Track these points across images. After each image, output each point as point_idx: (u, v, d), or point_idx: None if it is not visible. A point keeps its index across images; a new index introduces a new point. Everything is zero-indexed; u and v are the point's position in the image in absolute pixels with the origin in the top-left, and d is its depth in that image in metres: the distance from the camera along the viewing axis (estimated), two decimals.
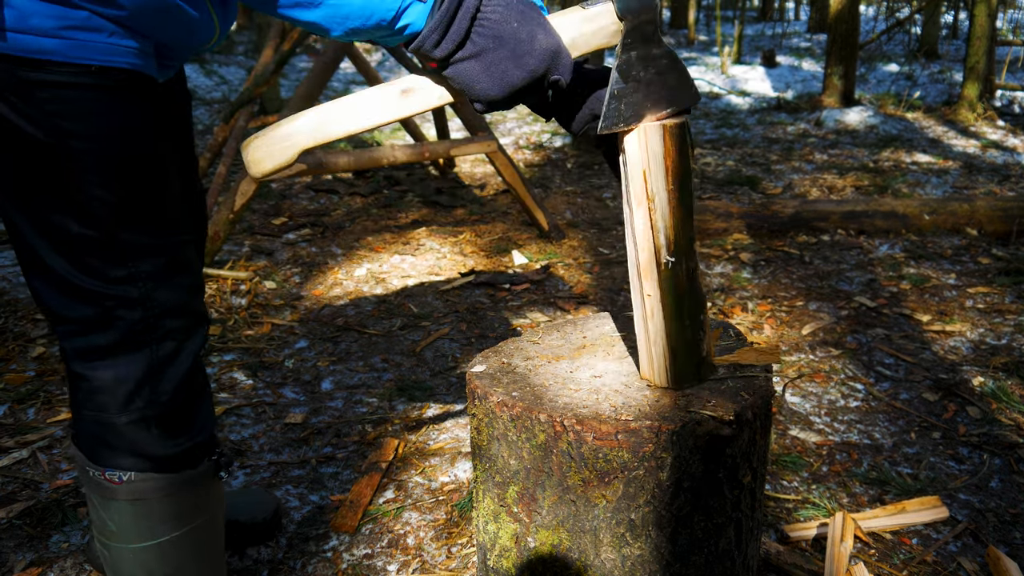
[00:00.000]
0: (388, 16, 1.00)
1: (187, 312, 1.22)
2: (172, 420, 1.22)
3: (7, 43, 0.96)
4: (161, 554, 1.26)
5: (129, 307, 1.15)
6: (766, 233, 3.90)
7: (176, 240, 1.19)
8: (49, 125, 1.02)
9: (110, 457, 1.20)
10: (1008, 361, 2.59)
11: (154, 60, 1.09)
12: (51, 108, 1.01)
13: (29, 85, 0.99)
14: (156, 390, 1.20)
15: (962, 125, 6.90)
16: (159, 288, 1.17)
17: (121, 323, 1.15)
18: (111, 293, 1.13)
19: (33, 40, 0.97)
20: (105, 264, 1.12)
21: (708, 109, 8.10)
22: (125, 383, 1.17)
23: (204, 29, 1.10)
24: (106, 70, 1.03)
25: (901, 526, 1.78)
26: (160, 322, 1.18)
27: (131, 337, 1.16)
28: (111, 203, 1.09)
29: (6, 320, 2.86)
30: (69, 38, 0.98)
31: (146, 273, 1.15)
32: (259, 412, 2.32)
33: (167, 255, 1.18)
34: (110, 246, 1.11)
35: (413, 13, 1.00)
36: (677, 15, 17.00)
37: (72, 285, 1.12)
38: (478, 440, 1.22)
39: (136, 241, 1.13)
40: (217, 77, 9.00)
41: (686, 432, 1.07)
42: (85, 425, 1.21)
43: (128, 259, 1.13)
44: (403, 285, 3.35)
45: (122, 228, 1.11)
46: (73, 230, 1.08)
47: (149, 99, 1.11)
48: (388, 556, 1.72)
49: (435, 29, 1.00)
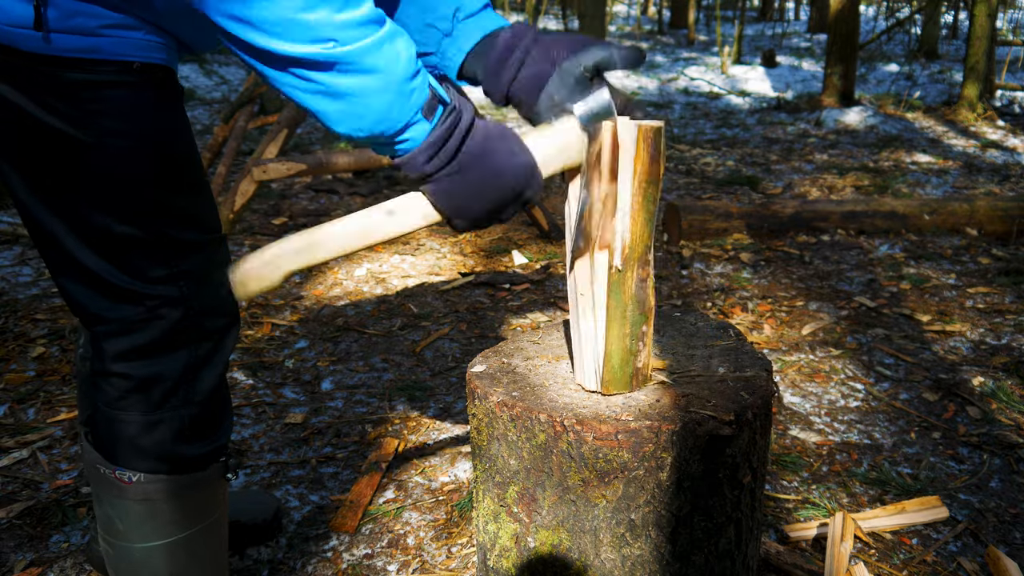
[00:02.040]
0: (396, 127, 0.97)
1: (224, 311, 1.23)
2: (203, 421, 1.23)
3: (51, 44, 0.97)
4: (166, 554, 1.26)
5: (171, 306, 1.15)
6: (766, 233, 3.90)
7: (213, 238, 1.21)
8: (92, 125, 1.03)
9: (128, 457, 1.20)
10: (1008, 361, 2.60)
11: (177, 56, 1.12)
12: (93, 108, 1.02)
13: (72, 86, 1.00)
14: (192, 390, 1.20)
15: (962, 125, 6.90)
16: (199, 287, 1.17)
17: (163, 322, 1.15)
18: (152, 293, 1.13)
19: (77, 39, 0.98)
20: (147, 263, 1.12)
21: (708, 109, 8.10)
22: (163, 382, 1.17)
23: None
24: (147, 67, 1.04)
25: (901, 526, 1.78)
26: (200, 322, 1.18)
27: (172, 336, 1.16)
28: (155, 201, 1.10)
29: (6, 320, 2.86)
30: (111, 35, 1.00)
31: (187, 272, 1.16)
32: (259, 412, 2.32)
33: (207, 253, 1.19)
34: (154, 245, 1.12)
35: (416, 130, 0.98)
36: (677, 15, 17.01)
37: (112, 286, 1.12)
38: (478, 440, 1.22)
39: (179, 239, 1.14)
40: (217, 77, 9.00)
41: (686, 432, 1.07)
42: (108, 423, 1.21)
43: (171, 258, 1.14)
44: (403, 285, 3.35)
45: (166, 226, 1.12)
46: (115, 230, 1.09)
47: (180, 96, 1.13)
48: (388, 556, 1.72)
49: (431, 145, 0.99)
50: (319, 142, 6.44)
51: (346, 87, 0.92)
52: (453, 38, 1.16)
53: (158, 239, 1.12)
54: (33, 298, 3.05)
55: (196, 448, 1.23)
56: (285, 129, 3.69)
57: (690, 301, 3.17)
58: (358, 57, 0.90)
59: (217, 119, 6.80)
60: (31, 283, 3.22)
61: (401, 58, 0.93)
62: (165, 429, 1.19)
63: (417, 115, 0.97)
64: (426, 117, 0.98)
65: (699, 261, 3.61)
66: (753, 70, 10.32)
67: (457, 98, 1.02)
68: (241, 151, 5.39)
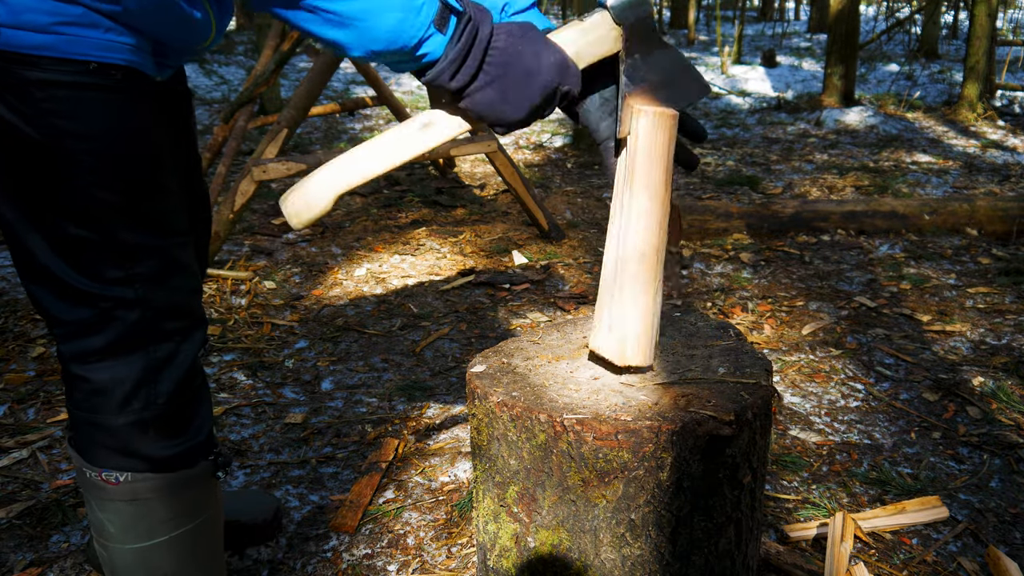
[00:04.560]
0: (411, 43, 1.01)
1: (185, 314, 1.22)
2: (169, 422, 1.22)
3: (0, 40, 0.95)
4: (160, 554, 1.26)
5: (126, 308, 1.14)
6: (766, 233, 3.90)
7: (174, 241, 1.18)
8: (45, 124, 1.01)
9: (107, 458, 1.20)
10: (1008, 361, 2.60)
11: (151, 58, 1.09)
12: (47, 107, 1.00)
13: (26, 84, 0.98)
14: (153, 392, 1.19)
15: (962, 125, 6.90)
16: (156, 290, 1.16)
17: (118, 324, 1.14)
18: (108, 295, 1.12)
19: (27, 36, 0.96)
20: (102, 265, 1.11)
21: (708, 109, 8.10)
22: (122, 385, 1.17)
23: (202, 28, 1.10)
24: (104, 68, 1.02)
25: (901, 526, 1.78)
26: (157, 324, 1.17)
27: (128, 339, 1.15)
28: (108, 203, 1.08)
29: (6, 320, 2.86)
30: (64, 33, 0.98)
31: (143, 275, 1.14)
32: (259, 412, 2.32)
33: (165, 256, 1.17)
34: (107, 247, 1.10)
35: (433, 43, 1.02)
36: (677, 15, 17.00)
37: (68, 287, 1.11)
38: (478, 440, 1.22)
39: (133, 242, 1.12)
40: (217, 77, 9.00)
41: (686, 432, 1.07)
42: (82, 426, 1.21)
43: (125, 260, 1.12)
44: (403, 285, 3.35)
45: (119, 229, 1.10)
46: (70, 231, 1.08)
47: (147, 98, 1.10)
48: (388, 556, 1.72)
49: (452, 62, 1.03)
50: (319, 142, 6.44)
51: (353, 11, 0.96)
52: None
53: (112, 241, 1.10)
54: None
55: (169, 447, 1.22)
56: (285, 129, 3.69)
57: (690, 301, 3.17)
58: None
59: (217, 119, 6.79)
60: None
61: None
62: (130, 430, 1.18)
63: (430, 29, 1.00)
64: (439, 29, 1.00)
65: (699, 261, 3.61)
66: (753, 70, 10.32)
67: (472, 7, 1.04)
68: (241, 151, 5.39)
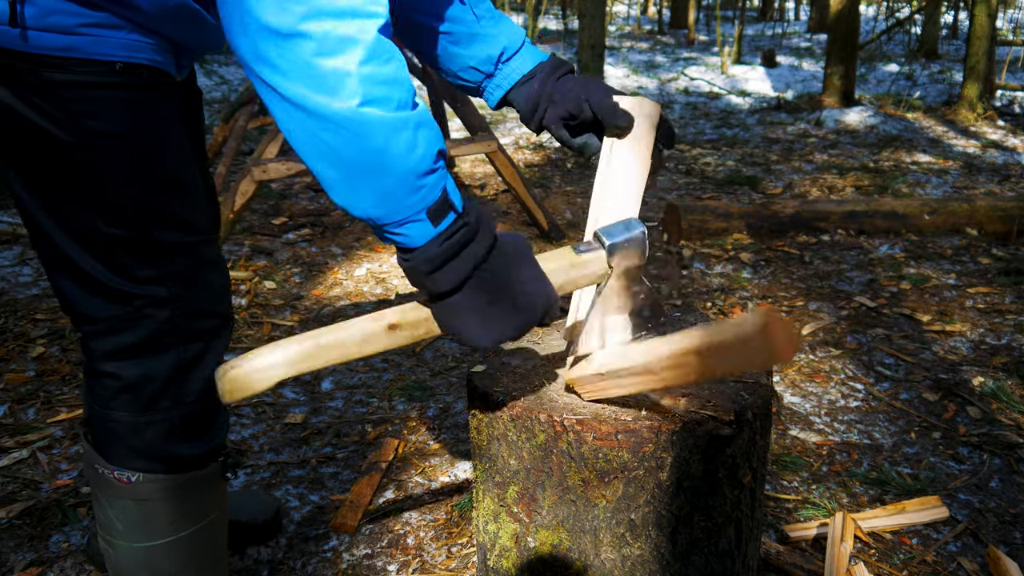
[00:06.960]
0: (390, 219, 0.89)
1: (215, 313, 1.23)
2: (195, 422, 1.23)
3: (28, 43, 0.96)
4: (165, 554, 1.26)
5: (158, 306, 1.15)
6: (766, 233, 3.90)
7: (204, 239, 1.20)
8: (76, 126, 1.02)
9: (124, 457, 1.20)
10: (1008, 361, 2.59)
11: (173, 58, 1.10)
12: (77, 108, 1.01)
13: (54, 86, 0.99)
14: (182, 391, 1.20)
15: (962, 125, 6.90)
16: (188, 288, 1.17)
17: (149, 322, 1.15)
18: (140, 293, 1.13)
19: (52, 38, 0.97)
20: (135, 263, 1.12)
21: (708, 109, 8.10)
22: (152, 383, 1.17)
23: (219, 33, 1.11)
24: (130, 67, 1.03)
25: (901, 526, 1.78)
26: (188, 323, 1.18)
27: (159, 337, 1.16)
28: (140, 202, 1.09)
29: (6, 320, 2.86)
30: (90, 34, 0.99)
31: (175, 273, 1.15)
32: (259, 412, 2.32)
33: (196, 254, 1.18)
34: (140, 245, 1.11)
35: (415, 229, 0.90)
36: (677, 15, 16.99)
37: (101, 285, 1.12)
38: (478, 440, 1.22)
39: (166, 240, 1.13)
40: (217, 77, 9.00)
41: (686, 432, 1.07)
42: (103, 423, 1.21)
43: (158, 259, 1.13)
44: (403, 285, 3.35)
45: (152, 227, 1.11)
46: (102, 230, 1.08)
47: (171, 97, 1.12)
48: (388, 556, 1.72)
49: (433, 258, 0.91)
50: None
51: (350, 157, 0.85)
52: (495, 78, 1.22)
53: (144, 240, 1.11)
54: (33, 298, 3.05)
55: (190, 448, 1.23)
56: None
57: (690, 301, 3.17)
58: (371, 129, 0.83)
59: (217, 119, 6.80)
60: (31, 283, 3.22)
61: (418, 150, 0.86)
62: (156, 429, 1.19)
63: (420, 214, 0.89)
64: (431, 219, 0.90)
65: (699, 261, 3.61)
66: (753, 70, 10.31)
67: (475, 211, 0.94)
68: (241, 151, 5.39)
